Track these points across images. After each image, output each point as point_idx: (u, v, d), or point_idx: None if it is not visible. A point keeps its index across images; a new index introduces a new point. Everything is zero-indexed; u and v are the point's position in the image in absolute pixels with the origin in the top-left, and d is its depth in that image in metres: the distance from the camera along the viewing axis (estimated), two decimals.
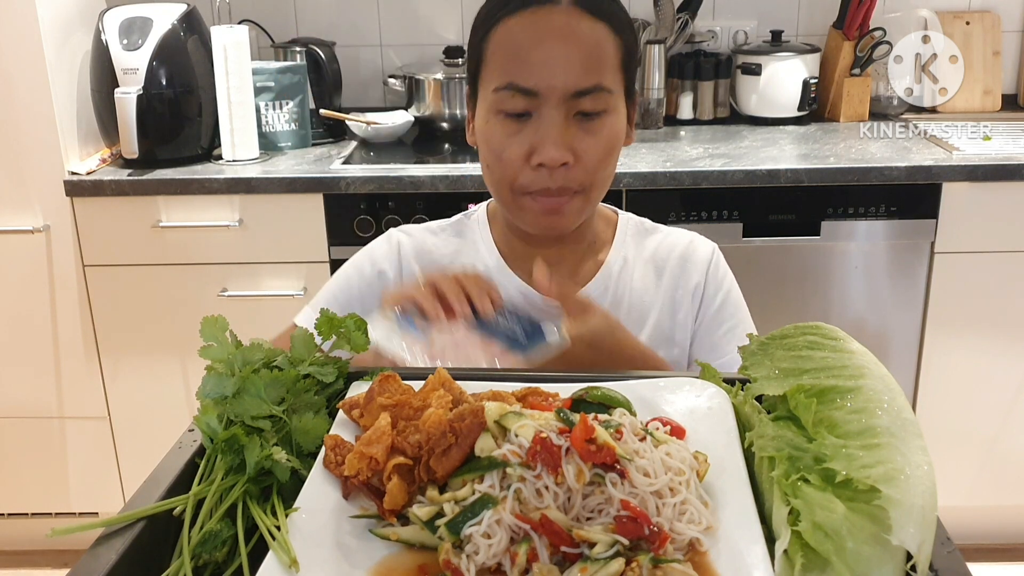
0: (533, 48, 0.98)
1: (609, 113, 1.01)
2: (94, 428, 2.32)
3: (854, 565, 0.54)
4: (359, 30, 2.65)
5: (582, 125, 1.00)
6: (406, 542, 0.62)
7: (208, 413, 0.72)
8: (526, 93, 0.98)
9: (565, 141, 0.99)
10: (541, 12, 0.98)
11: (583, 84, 0.98)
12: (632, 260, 1.16)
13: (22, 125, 2.11)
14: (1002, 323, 2.18)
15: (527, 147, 1.00)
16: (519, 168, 1.01)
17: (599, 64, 0.99)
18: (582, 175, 1.01)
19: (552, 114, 0.98)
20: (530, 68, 0.98)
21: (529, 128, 0.99)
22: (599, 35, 0.99)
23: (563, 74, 0.97)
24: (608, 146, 1.02)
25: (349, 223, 2.12)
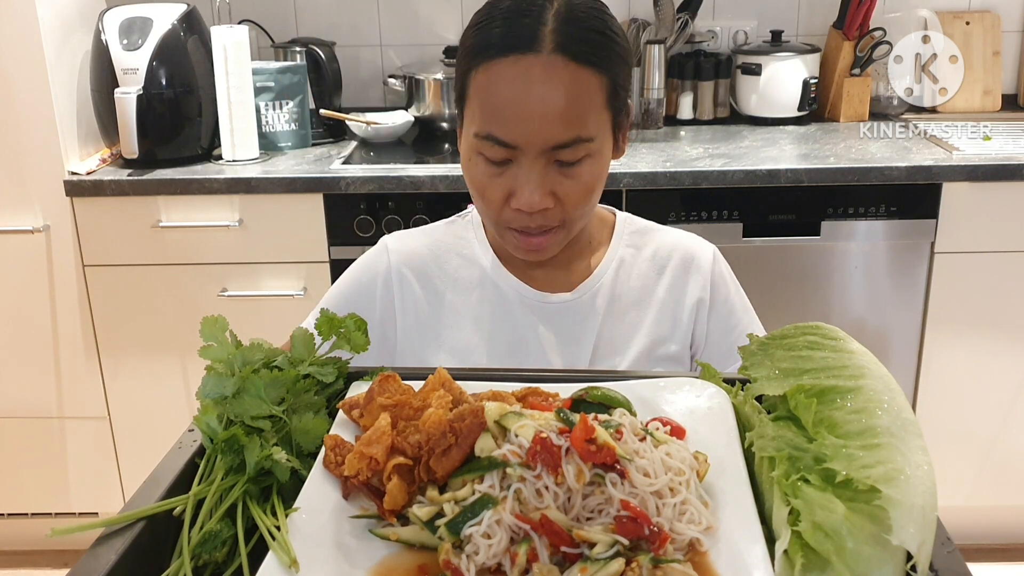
0: (512, 102, 0.95)
1: (591, 157, 0.99)
2: (94, 428, 2.32)
3: (854, 565, 0.54)
4: (359, 30, 2.65)
5: (562, 170, 0.99)
6: (406, 542, 0.62)
7: (208, 413, 0.72)
8: (504, 145, 0.97)
9: (544, 187, 0.98)
10: (523, 62, 0.95)
11: (562, 138, 0.96)
12: (630, 260, 1.16)
13: (22, 125, 2.11)
14: (1002, 323, 2.18)
15: (507, 190, 0.99)
16: (500, 207, 1.01)
17: (579, 115, 0.96)
18: (562, 214, 1.01)
19: (531, 163, 0.97)
20: (509, 122, 0.96)
21: (509, 173, 0.99)
22: (581, 83, 0.96)
23: (541, 129, 0.95)
24: (589, 187, 1.01)
25: (349, 223, 2.12)
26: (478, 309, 1.13)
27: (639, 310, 1.14)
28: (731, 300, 1.17)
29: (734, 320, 1.17)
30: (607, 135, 1.02)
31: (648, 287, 1.15)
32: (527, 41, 0.95)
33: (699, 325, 1.15)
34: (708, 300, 1.15)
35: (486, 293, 1.13)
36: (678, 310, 1.15)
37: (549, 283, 1.13)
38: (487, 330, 1.12)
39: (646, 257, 1.16)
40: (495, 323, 1.12)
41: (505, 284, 1.13)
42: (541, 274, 1.13)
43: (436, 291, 1.15)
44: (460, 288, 1.14)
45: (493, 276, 1.13)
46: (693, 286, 1.15)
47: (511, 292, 1.12)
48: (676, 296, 1.15)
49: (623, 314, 1.13)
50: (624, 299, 1.14)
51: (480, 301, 1.13)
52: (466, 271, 1.15)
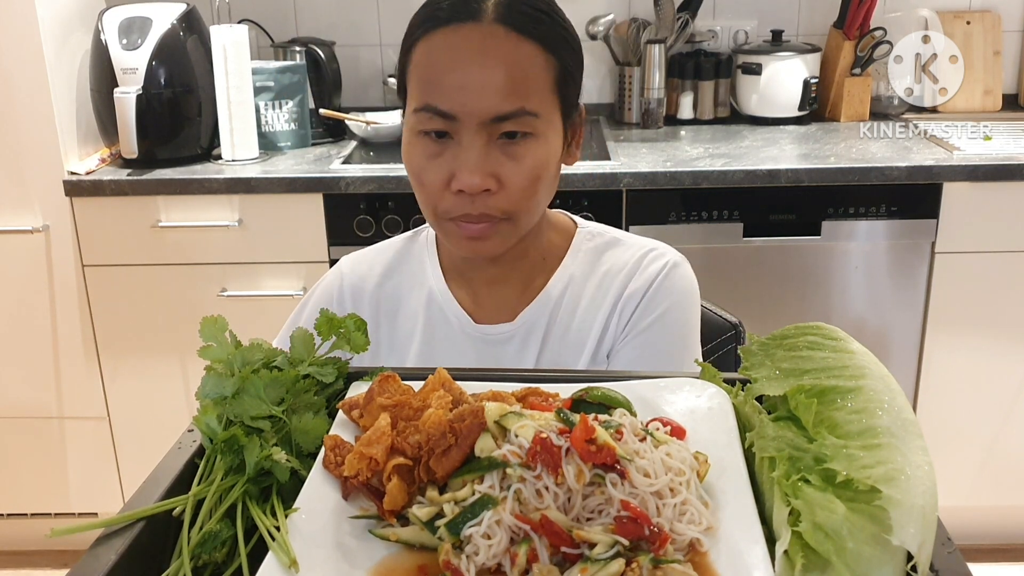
0: (451, 69, 0.92)
1: (536, 137, 0.94)
2: (94, 428, 2.32)
3: (854, 566, 0.54)
4: (359, 30, 2.65)
5: (505, 149, 0.94)
6: (406, 543, 0.62)
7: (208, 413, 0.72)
8: (444, 116, 0.92)
9: (486, 166, 0.93)
10: (462, 30, 0.92)
11: (503, 108, 0.91)
12: (580, 278, 1.09)
13: (22, 125, 2.11)
14: (1002, 323, 2.18)
15: (447, 172, 0.94)
16: (440, 193, 0.96)
17: (523, 86, 0.92)
18: (505, 202, 0.95)
19: (471, 138, 0.92)
20: (447, 91, 0.91)
21: (449, 152, 0.94)
22: (525, 54, 0.92)
23: (481, 98, 0.91)
24: (533, 173, 0.95)
25: (349, 223, 2.12)
26: (423, 334, 1.10)
27: (580, 333, 1.07)
28: (660, 314, 1.05)
29: (652, 336, 1.05)
30: (555, 123, 0.97)
31: (595, 306, 1.07)
32: (467, 11, 0.92)
33: (609, 328, 1.07)
34: (637, 300, 1.06)
35: (431, 317, 1.10)
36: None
37: (496, 306, 1.09)
38: (428, 357, 1.08)
39: (599, 275, 1.09)
40: (437, 350, 1.08)
41: (449, 310, 1.09)
42: (489, 296, 1.09)
43: (384, 315, 1.11)
44: (407, 313, 1.11)
45: (440, 300, 1.10)
46: (630, 289, 1.06)
47: (453, 320, 1.09)
48: (615, 309, 1.07)
49: (564, 337, 1.07)
50: (566, 323, 1.07)
51: (425, 326, 1.10)
52: (414, 294, 1.11)
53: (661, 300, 1.06)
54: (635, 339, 1.05)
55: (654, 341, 1.05)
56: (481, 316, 1.09)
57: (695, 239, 2.12)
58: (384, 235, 2.07)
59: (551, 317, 1.07)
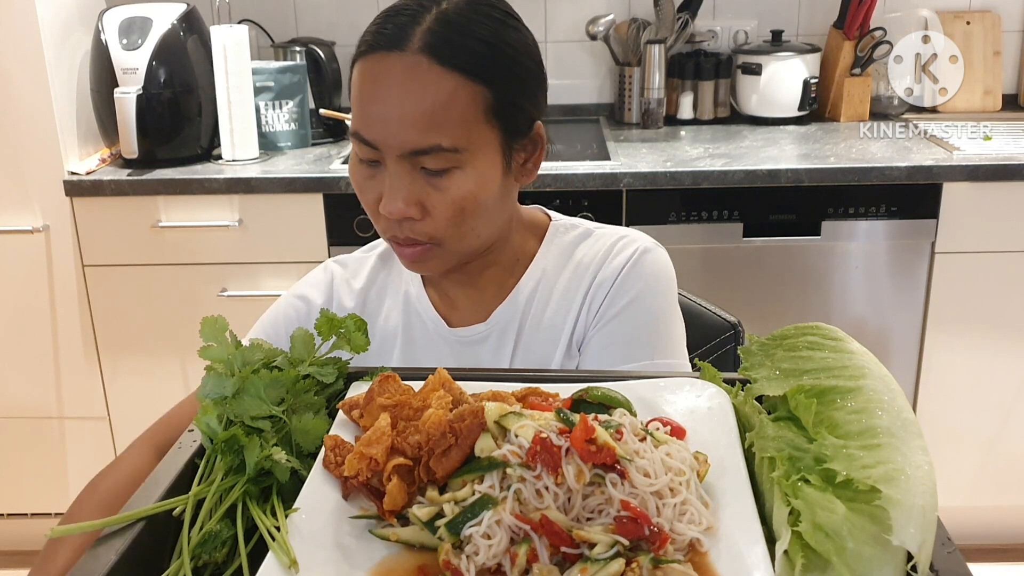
0: (372, 100, 0.92)
1: (461, 169, 0.93)
2: (94, 428, 2.32)
3: (855, 566, 0.54)
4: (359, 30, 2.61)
5: (429, 180, 0.93)
6: (406, 543, 0.62)
7: (208, 413, 0.72)
8: (368, 145, 0.93)
9: (409, 195, 0.92)
10: (388, 60, 0.91)
11: (420, 144, 0.91)
12: (552, 272, 1.08)
13: (22, 125, 2.11)
14: (1002, 323, 2.18)
15: (377, 194, 0.95)
16: (374, 212, 0.97)
17: (439, 123, 0.90)
18: (431, 228, 0.95)
19: (395, 167, 0.92)
20: (369, 121, 0.92)
21: (380, 176, 0.95)
22: (445, 90, 0.90)
23: (398, 132, 0.91)
24: (458, 204, 0.94)
25: (349, 223, 2.12)
26: (403, 337, 1.10)
27: (553, 329, 1.06)
28: (629, 300, 1.03)
29: (622, 323, 1.03)
30: (489, 152, 0.95)
31: (568, 299, 1.06)
32: (394, 39, 0.92)
33: (580, 319, 1.05)
34: (608, 287, 1.04)
35: (410, 321, 1.10)
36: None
37: (470, 308, 1.08)
38: (410, 359, 1.09)
39: (571, 267, 1.07)
40: (417, 352, 1.09)
41: (425, 314, 1.09)
42: (463, 298, 1.09)
43: (367, 318, 1.09)
44: (388, 316, 1.12)
45: (416, 304, 1.10)
46: (600, 277, 1.05)
47: (429, 323, 1.09)
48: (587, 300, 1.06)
49: (537, 333, 1.06)
50: (538, 318, 1.06)
51: (404, 329, 1.10)
52: (395, 299, 1.12)
53: (630, 287, 1.04)
54: (605, 327, 1.04)
55: (624, 329, 1.03)
56: (456, 318, 1.09)
57: (695, 239, 2.12)
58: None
59: (524, 313, 1.07)
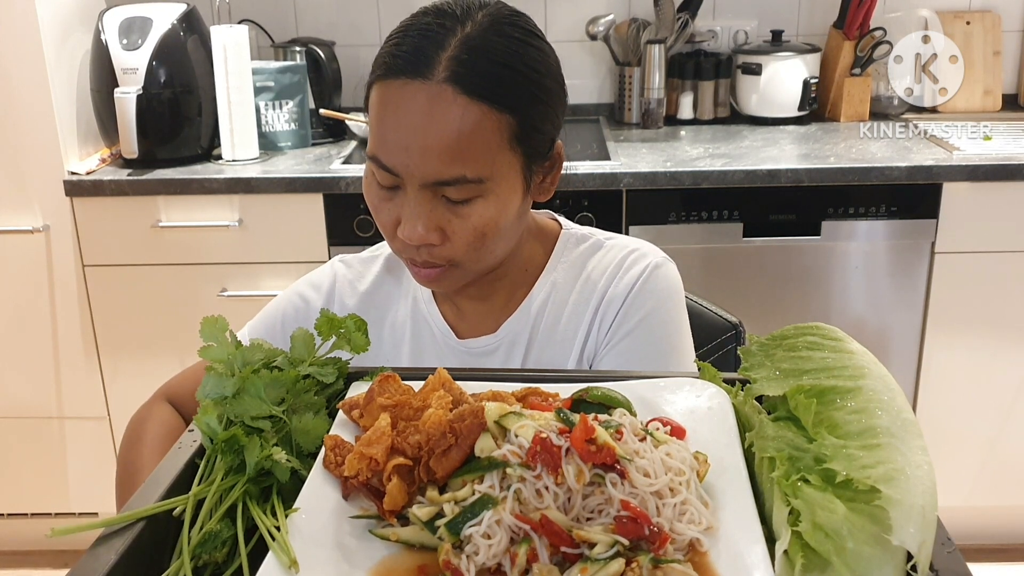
0: (395, 127, 0.89)
1: (483, 197, 0.92)
2: (94, 428, 2.32)
3: (854, 565, 0.54)
4: (359, 30, 2.65)
5: (449, 207, 0.92)
6: (406, 542, 0.62)
7: (208, 413, 0.72)
8: (388, 171, 0.91)
9: (429, 221, 0.91)
10: (410, 87, 0.88)
11: (444, 175, 0.89)
12: (563, 285, 1.06)
13: (22, 125, 2.11)
14: (1002, 323, 2.18)
15: (395, 216, 0.93)
16: (391, 234, 0.95)
17: (464, 154, 0.88)
18: (450, 252, 0.94)
19: (416, 194, 0.91)
20: (391, 149, 0.90)
21: (398, 199, 0.93)
22: (472, 119, 0.88)
23: (422, 162, 0.89)
24: (479, 231, 0.93)
25: (349, 223, 2.12)
26: (411, 345, 1.09)
27: (564, 340, 1.05)
28: (644, 315, 1.03)
29: (638, 339, 1.02)
30: (511, 177, 0.93)
31: (579, 313, 1.05)
32: (419, 66, 0.88)
33: (591, 335, 1.05)
34: (620, 302, 1.03)
35: (418, 330, 1.09)
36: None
37: (479, 319, 1.08)
38: (417, 364, 1.08)
39: (581, 280, 1.06)
40: (425, 362, 1.08)
41: (433, 322, 1.08)
42: (472, 309, 1.08)
43: (372, 326, 1.08)
44: (393, 323, 1.11)
45: (424, 313, 1.09)
46: (612, 291, 1.04)
47: (437, 332, 1.08)
48: (599, 311, 1.05)
49: (547, 346, 1.05)
50: (549, 332, 1.05)
51: (412, 337, 1.09)
52: (401, 305, 1.11)
53: (642, 303, 1.03)
54: (618, 345, 1.03)
55: (638, 346, 1.02)
56: (465, 329, 1.08)
57: (695, 239, 2.12)
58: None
59: (534, 327, 1.06)
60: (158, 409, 1.08)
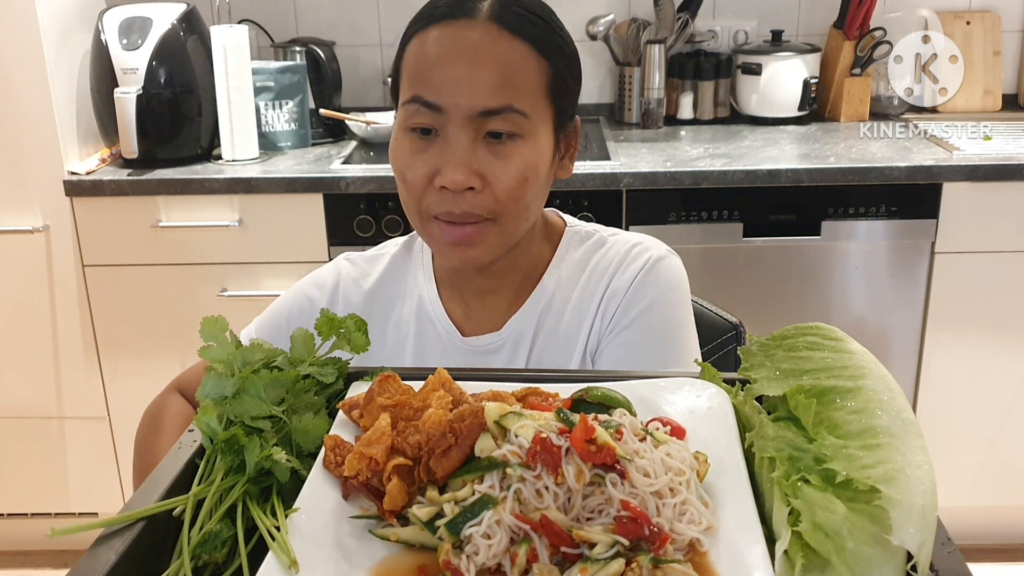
0: (441, 63, 0.92)
1: (523, 138, 0.94)
2: (94, 428, 2.32)
3: (854, 565, 0.54)
4: (359, 30, 2.65)
5: (492, 148, 0.93)
6: (406, 543, 0.62)
7: (208, 413, 0.72)
8: (431, 108, 0.92)
9: (471, 164, 0.92)
10: (455, 26, 0.93)
11: (491, 103, 0.91)
12: (567, 281, 1.07)
13: (22, 125, 2.11)
14: (1002, 323, 2.18)
15: (431, 167, 0.93)
16: (423, 189, 0.95)
17: (512, 84, 0.92)
18: (490, 202, 0.94)
19: (457, 134, 0.92)
20: (436, 83, 0.92)
21: (435, 148, 0.93)
22: (517, 54, 0.93)
23: (469, 91, 0.91)
24: (521, 174, 0.94)
25: (349, 223, 2.12)
26: (415, 343, 1.09)
27: (568, 338, 1.05)
28: (645, 306, 1.03)
29: (637, 331, 1.02)
30: (545, 128, 0.96)
31: (583, 308, 1.05)
32: (462, 9, 0.94)
33: (594, 328, 1.05)
34: (621, 295, 1.04)
35: (422, 328, 1.09)
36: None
37: (485, 316, 1.08)
38: (421, 364, 1.08)
39: (585, 276, 1.07)
40: (428, 360, 1.08)
41: (438, 322, 1.08)
42: (479, 307, 1.08)
43: (374, 322, 1.08)
44: (398, 322, 1.11)
45: (430, 311, 1.09)
46: (614, 284, 1.05)
47: (442, 332, 1.08)
48: (601, 307, 1.06)
49: (552, 343, 1.05)
50: (553, 328, 1.06)
51: (416, 335, 1.09)
52: (406, 304, 1.11)
53: (644, 295, 1.03)
54: (618, 336, 1.03)
55: (638, 338, 1.03)
56: (470, 327, 1.08)
57: (695, 239, 2.12)
58: (384, 235, 2.07)
59: (539, 323, 1.06)
60: (172, 400, 1.09)
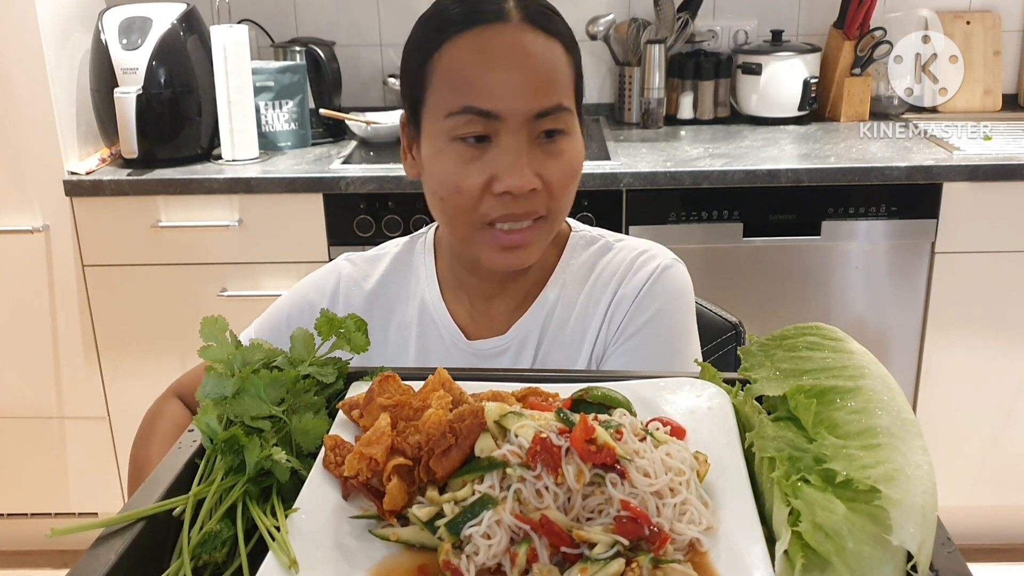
0: (488, 69, 0.91)
1: (569, 134, 0.96)
2: (94, 428, 2.32)
3: (854, 565, 0.54)
4: (359, 30, 2.65)
5: (544, 148, 0.94)
6: (406, 543, 0.62)
7: (208, 413, 0.72)
8: (485, 116, 0.91)
9: (531, 166, 0.93)
10: (490, 30, 0.92)
11: (545, 104, 0.92)
12: (573, 285, 1.07)
13: (22, 125, 2.11)
14: (1002, 323, 2.18)
15: (488, 175, 0.93)
16: (479, 197, 0.94)
17: (557, 83, 0.94)
18: (548, 200, 0.96)
19: (514, 138, 0.92)
20: (487, 90, 0.91)
21: (489, 154, 0.93)
22: (555, 53, 0.95)
23: (524, 95, 0.91)
24: (572, 169, 0.96)
25: (349, 223, 2.12)
26: (417, 345, 1.09)
27: (574, 344, 1.06)
28: (652, 313, 1.04)
29: (645, 336, 1.03)
30: (577, 121, 0.99)
31: (588, 314, 1.06)
32: (492, 14, 0.93)
33: (600, 335, 1.05)
34: (630, 302, 1.04)
35: (425, 330, 1.09)
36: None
37: (490, 319, 1.07)
38: (422, 366, 1.07)
39: (591, 281, 1.07)
40: (432, 362, 1.07)
41: (442, 324, 1.08)
42: (484, 309, 1.08)
43: (376, 323, 1.09)
44: (400, 323, 1.10)
45: (433, 313, 1.08)
46: (622, 291, 1.05)
47: (445, 334, 1.08)
48: (608, 313, 1.06)
49: (557, 347, 1.06)
50: (558, 333, 1.06)
51: (419, 337, 1.09)
52: (408, 305, 1.10)
53: (651, 303, 1.04)
54: (625, 344, 1.04)
55: (644, 346, 1.03)
56: (474, 330, 1.08)
57: (695, 239, 2.12)
58: (384, 235, 2.07)
59: (543, 327, 1.06)
60: (169, 405, 1.09)
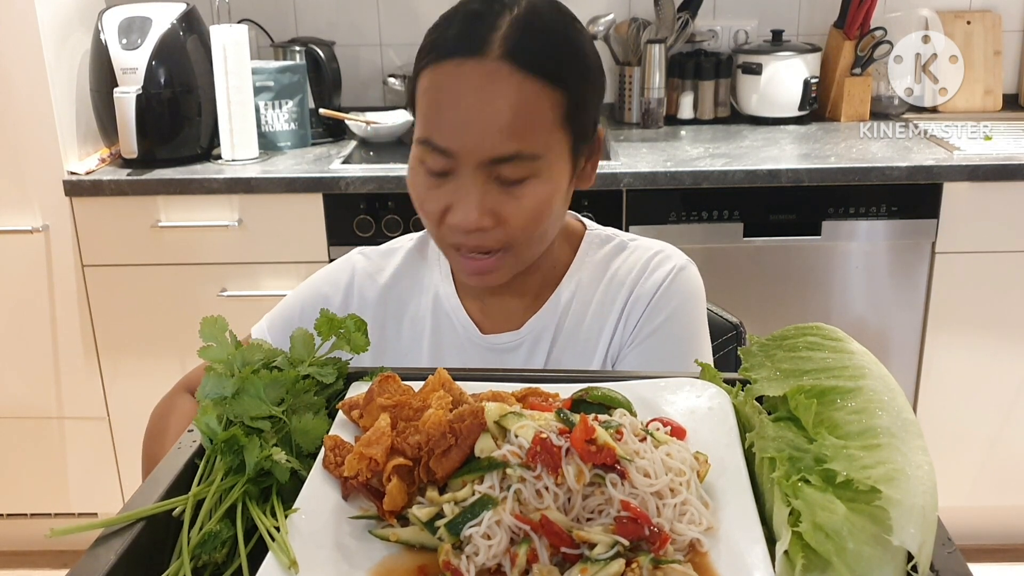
0: (450, 106, 0.90)
1: (536, 178, 0.92)
2: (93, 428, 2.32)
3: (855, 566, 0.54)
4: (359, 30, 2.65)
5: (504, 189, 0.92)
6: (406, 543, 0.62)
7: (208, 414, 0.72)
8: (442, 152, 0.91)
9: (483, 204, 0.91)
10: (466, 65, 0.89)
11: (501, 151, 0.89)
12: (587, 284, 1.08)
13: (21, 125, 2.11)
14: (1002, 323, 2.18)
15: (445, 203, 0.93)
16: (437, 222, 0.95)
17: (523, 128, 0.89)
18: (504, 236, 0.94)
19: (470, 177, 0.91)
20: (446, 128, 0.90)
21: (449, 185, 0.93)
22: (528, 94, 0.89)
23: (479, 138, 0.89)
24: (533, 212, 0.93)
25: (349, 223, 2.12)
26: (431, 340, 1.09)
27: (588, 341, 1.06)
28: (667, 316, 1.05)
29: (660, 337, 1.04)
30: (561, 157, 0.94)
31: (603, 312, 1.06)
32: (473, 45, 0.90)
33: (616, 334, 1.06)
34: (645, 304, 1.05)
35: (439, 324, 1.09)
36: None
37: (504, 315, 1.08)
38: (437, 363, 1.08)
39: (606, 280, 1.08)
40: (446, 357, 1.08)
41: (456, 319, 1.08)
42: (497, 305, 1.08)
43: (390, 318, 1.11)
44: (414, 317, 1.10)
45: (447, 307, 1.09)
46: (637, 292, 1.06)
47: (459, 328, 1.08)
48: (624, 313, 1.07)
49: (571, 345, 1.06)
50: (573, 331, 1.06)
51: (433, 332, 1.09)
52: (422, 300, 1.11)
53: (667, 304, 1.05)
54: (641, 344, 1.05)
55: (660, 346, 1.04)
56: (488, 325, 1.08)
57: (695, 239, 2.12)
58: (384, 235, 2.07)
59: (558, 325, 1.06)
60: (180, 401, 1.09)
